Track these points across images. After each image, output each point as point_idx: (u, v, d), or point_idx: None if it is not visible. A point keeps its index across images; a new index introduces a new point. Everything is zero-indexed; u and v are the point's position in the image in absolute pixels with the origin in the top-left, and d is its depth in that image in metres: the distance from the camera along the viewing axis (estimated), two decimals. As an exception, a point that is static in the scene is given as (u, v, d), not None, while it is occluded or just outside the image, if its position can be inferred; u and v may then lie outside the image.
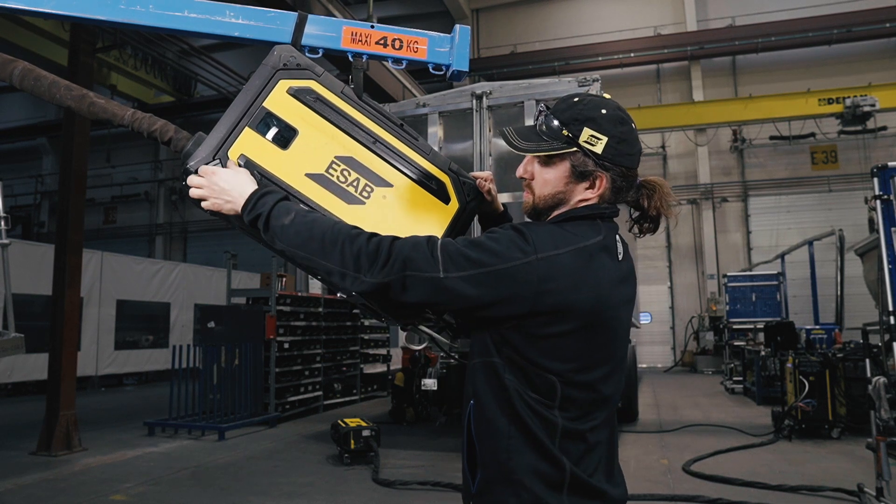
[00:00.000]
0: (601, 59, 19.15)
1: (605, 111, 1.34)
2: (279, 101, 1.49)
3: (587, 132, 1.31)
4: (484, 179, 1.63)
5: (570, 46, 19.72)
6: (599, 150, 1.32)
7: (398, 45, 1.58)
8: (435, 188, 1.57)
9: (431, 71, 1.62)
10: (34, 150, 24.39)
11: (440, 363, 8.28)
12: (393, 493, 5.36)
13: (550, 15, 20.82)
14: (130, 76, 18.65)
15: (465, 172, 1.63)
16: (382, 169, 1.54)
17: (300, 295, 10.25)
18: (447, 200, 1.58)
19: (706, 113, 17.01)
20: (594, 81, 6.29)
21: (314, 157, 1.50)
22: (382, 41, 1.59)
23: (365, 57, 1.61)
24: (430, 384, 7.56)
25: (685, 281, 19.17)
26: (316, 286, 12.59)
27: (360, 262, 1.23)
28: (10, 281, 4.90)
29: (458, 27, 1.62)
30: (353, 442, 6.28)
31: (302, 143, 1.49)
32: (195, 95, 20.84)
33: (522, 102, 6.44)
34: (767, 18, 18.27)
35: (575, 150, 1.32)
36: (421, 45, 1.59)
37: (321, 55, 1.63)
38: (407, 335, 7.08)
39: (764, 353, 10.46)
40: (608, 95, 1.43)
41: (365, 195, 1.51)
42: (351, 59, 1.62)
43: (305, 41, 1.59)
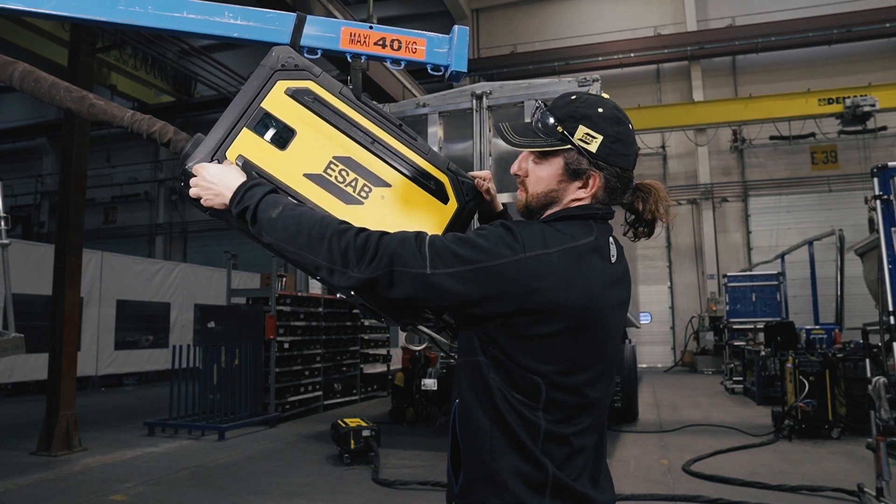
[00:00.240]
0: (601, 59, 19.14)
1: (601, 110, 1.32)
2: (277, 101, 1.49)
3: (582, 130, 1.30)
4: (483, 179, 1.62)
5: (570, 46, 19.72)
6: (594, 148, 1.30)
7: (397, 45, 1.59)
8: (433, 188, 1.57)
9: (430, 72, 1.63)
10: (34, 150, 24.40)
11: (440, 363, 8.28)
12: (393, 493, 5.36)
13: (550, 15, 20.82)
14: (130, 76, 18.66)
15: (463, 172, 1.63)
16: (381, 169, 1.54)
17: (300, 295, 10.25)
18: (446, 200, 1.58)
19: (706, 113, 17.02)
20: (594, 81, 6.28)
21: (312, 157, 1.50)
22: (381, 42, 1.59)
23: (363, 58, 1.62)
24: (430, 384, 7.56)
25: (685, 281, 19.16)
26: (316, 286, 12.60)
27: (347, 257, 1.23)
28: (10, 281, 4.90)
29: (456, 28, 1.62)
30: (353, 442, 6.29)
31: (300, 143, 1.49)
32: (195, 95, 20.84)
33: (522, 102, 6.43)
34: (767, 18, 18.26)
35: (569, 147, 1.31)
36: (419, 45, 1.59)
37: (320, 56, 1.63)
38: (407, 335, 7.08)
39: (764, 353, 10.46)
40: (607, 95, 1.42)
41: (363, 195, 1.51)
42: (349, 59, 1.62)
43: (304, 42, 1.59)
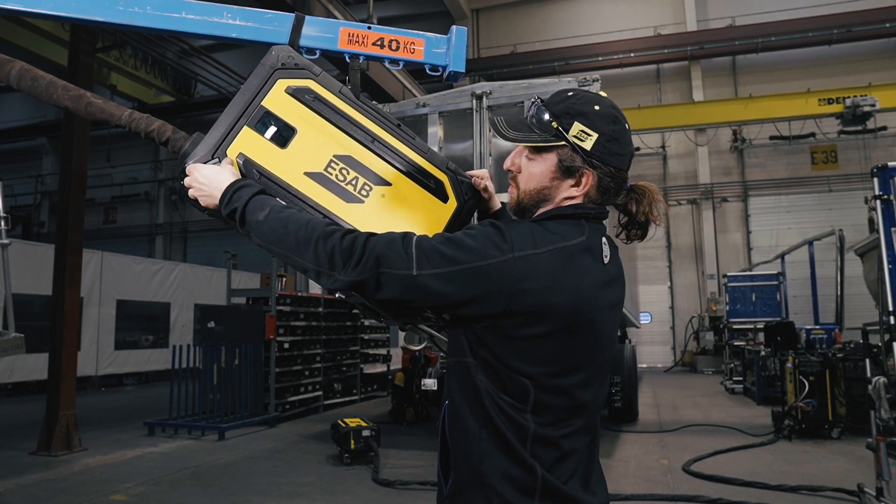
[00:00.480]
0: (601, 59, 19.15)
1: (598, 108, 1.30)
2: (277, 100, 1.49)
3: (577, 127, 1.28)
4: (480, 178, 1.62)
5: (570, 46, 19.72)
6: (588, 146, 1.28)
7: (395, 46, 1.59)
8: (433, 187, 1.57)
9: (428, 72, 1.63)
10: (34, 150, 24.41)
11: (440, 363, 8.28)
12: (393, 493, 5.36)
13: (550, 15, 20.83)
14: (130, 76, 18.68)
15: (462, 171, 1.63)
16: (381, 168, 1.54)
17: (300, 295, 10.26)
18: (445, 199, 1.58)
19: (706, 113, 17.02)
20: (594, 81, 6.28)
21: (313, 155, 1.50)
22: (379, 42, 1.59)
23: (362, 58, 1.62)
24: (430, 384, 7.56)
25: (685, 281, 19.17)
26: (316, 286, 12.59)
27: (334, 259, 1.22)
28: (10, 281, 4.90)
29: (454, 28, 1.62)
30: (353, 442, 6.28)
31: (300, 141, 1.49)
32: (195, 95, 20.84)
33: (522, 102, 6.44)
34: (767, 18, 18.27)
35: (563, 144, 1.30)
36: (417, 46, 1.59)
37: (318, 56, 1.63)
38: (406, 335, 7.09)
39: (764, 353, 10.46)
40: (604, 93, 1.42)
41: (364, 194, 1.51)
42: (348, 60, 1.62)
43: (303, 42, 1.60)
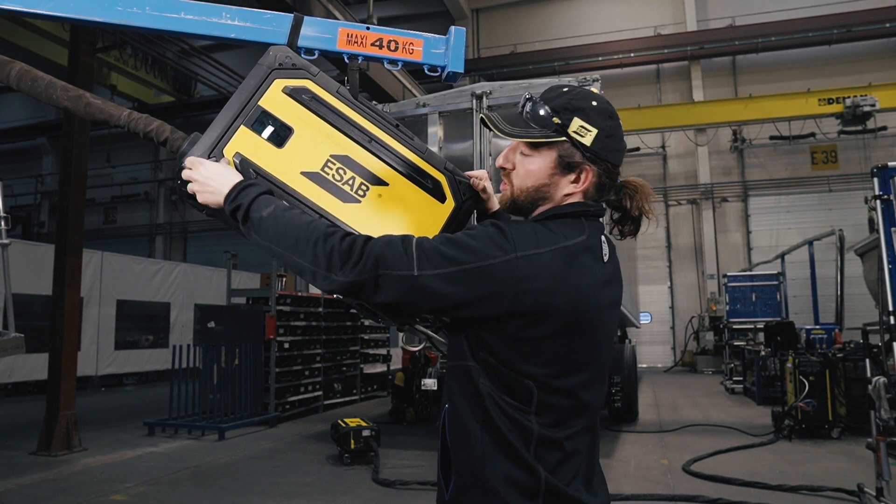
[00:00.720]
0: (601, 59, 19.15)
1: (595, 103, 1.30)
2: (275, 99, 1.49)
3: (577, 122, 1.28)
4: (479, 178, 1.62)
5: (570, 46, 19.72)
6: (588, 142, 1.28)
7: (394, 46, 1.59)
8: (431, 187, 1.57)
9: (427, 72, 1.63)
10: (34, 150, 24.41)
11: (440, 363, 8.28)
12: (393, 493, 5.36)
13: (550, 15, 20.83)
14: (130, 76, 18.68)
15: (460, 171, 1.63)
16: (378, 167, 1.54)
17: (300, 295, 10.25)
18: (443, 199, 1.58)
19: (706, 113, 17.01)
20: (594, 81, 6.29)
21: (310, 155, 1.50)
22: (378, 43, 1.59)
23: (361, 58, 1.62)
24: (430, 384, 7.56)
25: (685, 281, 19.17)
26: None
27: (332, 260, 1.19)
28: (10, 281, 4.90)
29: (452, 29, 1.62)
30: (353, 442, 6.29)
31: (297, 141, 1.49)
32: (195, 95, 20.85)
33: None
34: (767, 18, 18.26)
35: (564, 139, 1.29)
36: (416, 46, 1.60)
37: (317, 57, 1.63)
38: (406, 335, 7.08)
39: (764, 353, 10.46)
40: (596, 90, 1.41)
41: (360, 193, 1.51)
42: (347, 60, 1.62)
43: (301, 43, 1.60)
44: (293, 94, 1.50)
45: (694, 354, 17.95)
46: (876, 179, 4.77)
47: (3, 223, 4.91)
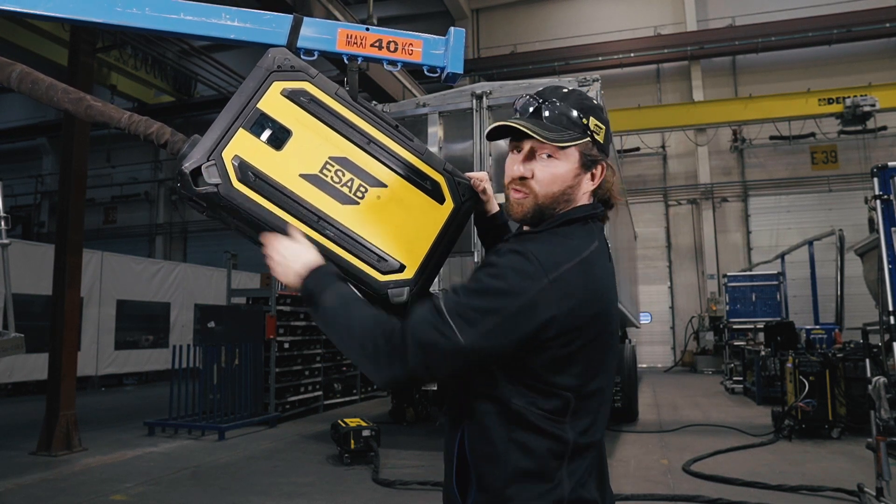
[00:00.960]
0: (601, 59, 19.14)
1: (595, 101, 1.36)
2: (273, 102, 1.49)
3: (593, 120, 1.31)
4: (479, 179, 1.62)
5: (570, 46, 19.72)
6: (601, 138, 1.32)
7: (393, 47, 1.59)
8: (430, 188, 1.57)
9: (426, 73, 1.63)
10: (34, 150, 24.42)
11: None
12: (393, 493, 5.36)
13: (550, 15, 20.82)
14: (130, 76, 18.69)
15: (459, 172, 1.63)
16: (377, 169, 1.54)
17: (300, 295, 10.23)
18: (442, 200, 1.58)
19: (706, 113, 17.02)
20: (594, 81, 6.28)
21: (308, 157, 1.50)
22: (377, 44, 1.59)
23: (360, 59, 1.62)
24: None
25: (685, 281, 19.17)
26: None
27: (379, 361, 1.19)
28: (10, 281, 4.91)
29: (452, 30, 1.63)
30: (353, 442, 6.29)
31: (296, 143, 1.50)
32: (195, 95, 20.85)
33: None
34: (767, 18, 18.26)
35: (587, 139, 1.31)
36: (416, 47, 1.60)
37: (317, 57, 1.63)
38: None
39: (764, 353, 10.45)
40: (593, 92, 1.44)
41: (359, 195, 1.51)
42: (346, 61, 1.62)
43: (301, 44, 1.60)
44: (292, 96, 1.51)
45: (694, 354, 17.94)
46: (876, 179, 4.77)
47: (3, 223, 4.91)
